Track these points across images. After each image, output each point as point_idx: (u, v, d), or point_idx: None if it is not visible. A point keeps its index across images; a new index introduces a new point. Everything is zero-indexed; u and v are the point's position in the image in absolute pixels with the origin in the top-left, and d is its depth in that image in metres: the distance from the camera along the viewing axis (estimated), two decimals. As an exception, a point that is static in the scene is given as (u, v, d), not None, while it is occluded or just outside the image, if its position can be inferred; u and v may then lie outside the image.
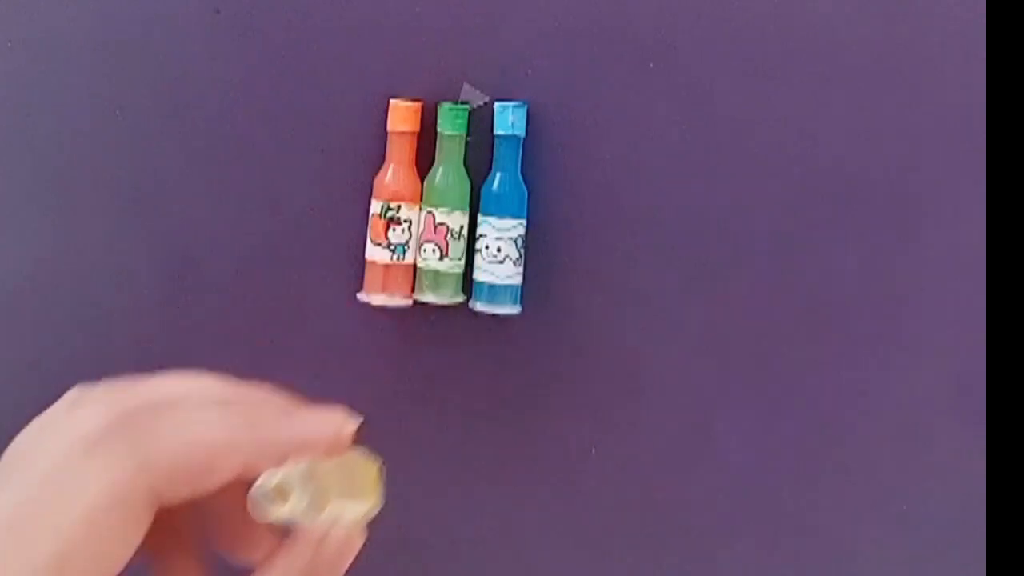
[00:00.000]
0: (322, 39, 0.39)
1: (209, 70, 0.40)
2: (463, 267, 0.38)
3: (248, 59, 0.39)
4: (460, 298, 0.38)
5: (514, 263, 0.37)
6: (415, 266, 0.38)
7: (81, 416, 0.24)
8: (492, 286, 0.38)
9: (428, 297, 0.38)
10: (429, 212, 0.38)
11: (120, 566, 0.23)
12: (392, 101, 0.38)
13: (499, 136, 0.38)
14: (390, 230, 0.38)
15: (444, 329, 0.39)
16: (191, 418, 0.23)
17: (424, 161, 0.39)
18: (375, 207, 0.38)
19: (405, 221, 0.38)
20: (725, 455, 0.39)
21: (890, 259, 0.38)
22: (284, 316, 0.40)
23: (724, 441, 0.39)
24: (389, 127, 0.38)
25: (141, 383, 0.25)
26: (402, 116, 0.38)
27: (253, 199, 0.40)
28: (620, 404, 0.39)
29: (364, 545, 0.25)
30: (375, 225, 0.38)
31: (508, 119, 0.37)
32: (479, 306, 0.38)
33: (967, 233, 0.37)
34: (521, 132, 0.38)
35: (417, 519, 0.40)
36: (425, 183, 0.38)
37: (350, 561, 0.25)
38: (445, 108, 0.38)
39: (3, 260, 0.42)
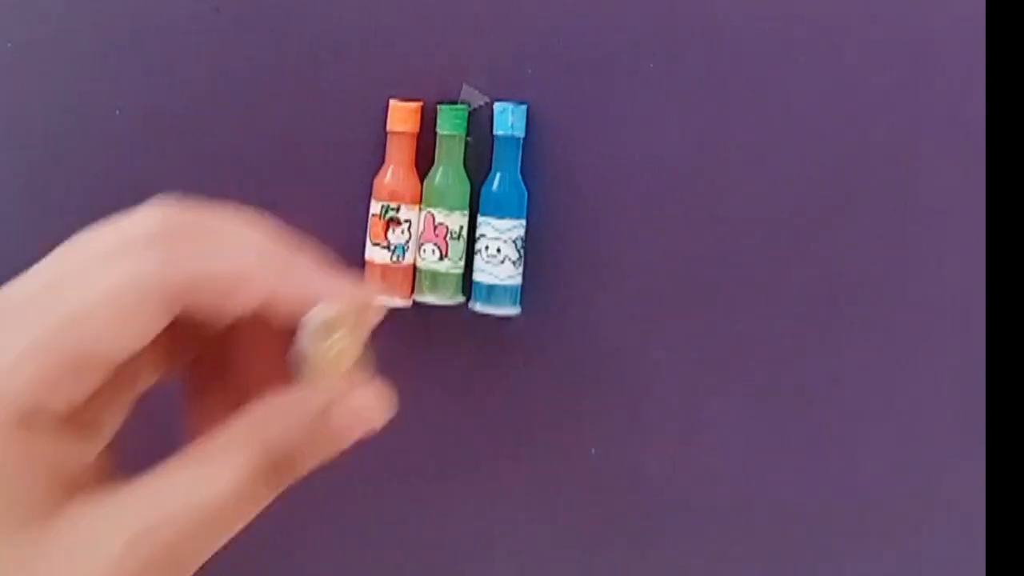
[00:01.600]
0: (322, 39, 0.39)
1: (209, 70, 0.40)
2: (463, 268, 0.38)
3: (248, 59, 0.39)
4: (460, 299, 0.38)
5: (514, 264, 0.37)
6: (415, 267, 0.38)
7: (134, 215, 0.26)
8: (492, 287, 0.38)
9: (428, 298, 0.38)
10: (429, 213, 0.38)
11: (127, 353, 0.24)
12: (392, 101, 0.38)
13: (499, 136, 0.38)
14: (390, 231, 0.38)
15: (444, 330, 0.39)
16: (230, 242, 0.25)
17: (424, 161, 0.39)
18: (375, 207, 0.38)
19: (405, 221, 0.38)
20: (725, 455, 0.39)
21: (891, 259, 0.37)
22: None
23: (724, 441, 0.39)
24: (389, 127, 0.38)
25: (202, 207, 0.26)
26: (402, 116, 0.38)
27: (253, 199, 0.40)
28: (620, 404, 0.39)
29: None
30: (375, 225, 0.38)
31: (508, 119, 0.37)
32: (479, 307, 0.38)
33: (967, 233, 0.37)
34: (521, 132, 0.38)
35: (416, 518, 0.40)
36: (425, 183, 0.38)
37: (355, 438, 0.25)
38: (445, 108, 0.38)
39: (2, 260, 0.42)
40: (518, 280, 0.38)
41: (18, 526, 0.24)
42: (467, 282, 0.39)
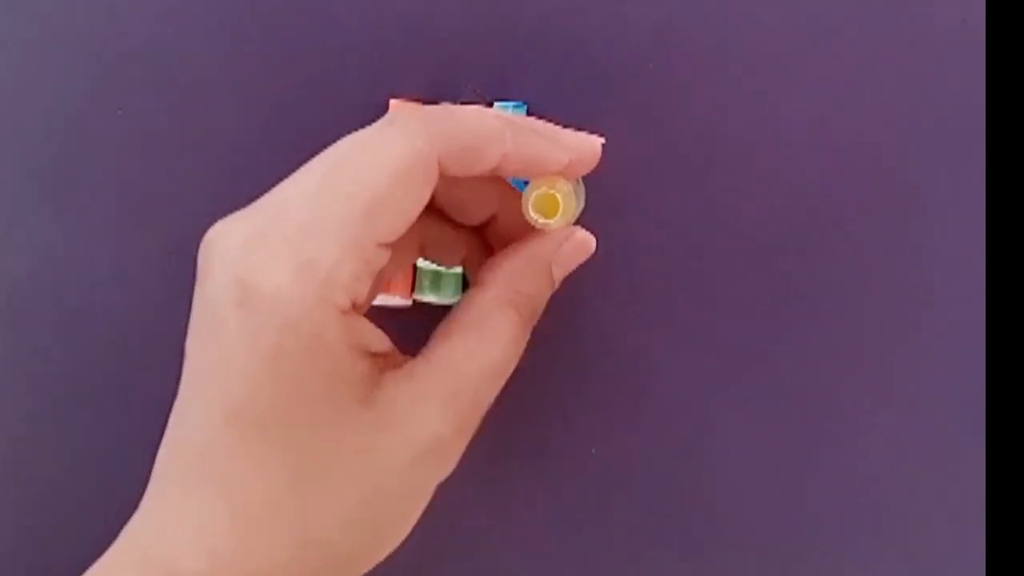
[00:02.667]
0: (322, 39, 0.39)
1: (209, 70, 0.40)
2: (463, 267, 0.38)
3: (248, 59, 0.39)
4: (460, 298, 0.38)
5: (514, 263, 0.38)
6: (415, 266, 0.38)
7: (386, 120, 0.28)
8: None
9: (428, 297, 0.38)
10: (429, 212, 0.38)
11: (408, 222, 0.26)
12: (392, 101, 0.38)
13: (499, 136, 0.38)
14: (390, 230, 0.38)
15: (444, 329, 0.39)
16: (470, 112, 0.28)
17: (424, 161, 0.39)
18: (375, 207, 0.38)
19: (405, 221, 0.38)
20: (726, 455, 0.39)
21: (891, 259, 0.38)
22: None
23: (724, 441, 0.39)
24: (389, 127, 0.38)
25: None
26: (402, 116, 0.38)
27: (253, 199, 0.40)
28: (620, 404, 0.39)
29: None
30: (375, 225, 0.38)
31: (508, 119, 0.37)
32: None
33: (967, 233, 0.37)
34: (521, 132, 0.38)
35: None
36: (425, 183, 0.38)
37: (579, 262, 0.31)
38: (445, 108, 0.38)
39: (2, 260, 0.42)
40: (518, 280, 0.38)
41: (356, 407, 0.25)
42: (467, 282, 0.39)
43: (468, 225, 0.33)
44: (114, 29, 0.40)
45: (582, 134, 0.31)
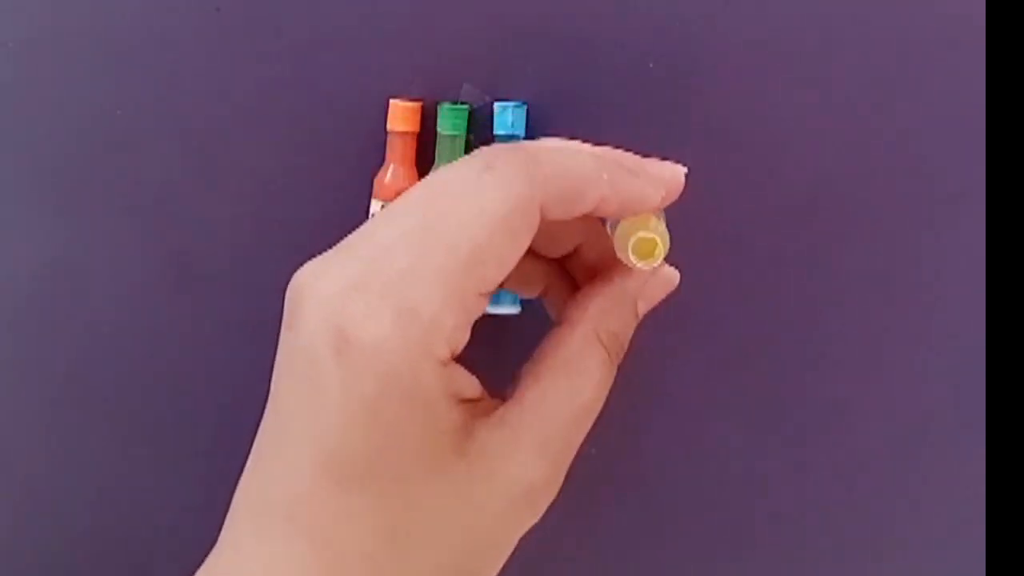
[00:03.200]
0: (322, 39, 0.39)
1: (209, 70, 0.40)
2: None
3: (248, 59, 0.39)
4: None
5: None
6: None
7: (467, 159, 0.27)
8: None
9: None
10: (429, 212, 0.38)
11: (508, 270, 0.26)
12: (392, 101, 0.38)
13: (499, 136, 0.38)
14: (390, 230, 0.38)
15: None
16: (567, 155, 0.27)
17: (424, 161, 0.39)
18: (375, 207, 0.38)
19: (405, 221, 0.38)
20: (725, 455, 0.39)
21: (891, 260, 0.38)
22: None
23: (724, 441, 0.39)
24: (389, 127, 0.38)
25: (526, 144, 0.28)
26: (402, 116, 0.38)
27: (253, 199, 0.40)
28: (620, 404, 0.39)
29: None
30: (375, 225, 0.38)
31: (508, 119, 0.37)
32: (488, 308, 0.38)
33: (967, 233, 0.37)
34: (521, 132, 0.38)
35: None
36: (425, 183, 0.38)
37: (662, 298, 0.31)
38: (445, 108, 0.38)
39: (2, 260, 0.42)
40: (519, 280, 0.38)
41: (451, 456, 0.25)
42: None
43: (550, 256, 0.32)
44: (114, 29, 0.40)
45: (667, 164, 0.30)
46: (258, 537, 0.25)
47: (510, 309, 0.38)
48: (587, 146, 0.29)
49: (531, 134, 0.38)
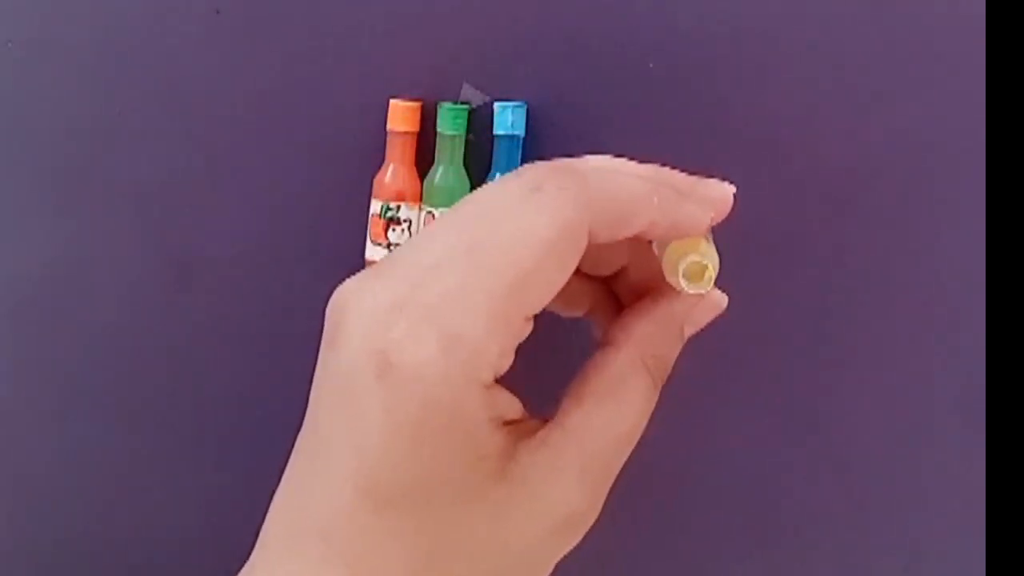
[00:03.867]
0: (322, 39, 0.39)
1: (209, 70, 0.40)
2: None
3: (248, 59, 0.39)
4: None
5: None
6: None
7: (518, 173, 0.26)
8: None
9: None
10: (429, 212, 0.38)
11: (554, 294, 0.25)
12: (392, 101, 0.38)
13: (499, 136, 0.38)
14: (390, 230, 0.38)
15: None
16: (617, 177, 0.26)
17: (424, 161, 0.39)
18: (375, 207, 0.38)
19: (405, 221, 0.38)
20: (725, 454, 0.39)
21: (891, 259, 0.37)
22: (284, 316, 0.40)
23: (724, 440, 0.39)
24: (389, 127, 0.38)
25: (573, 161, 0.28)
26: (402, 116, 0.38)
27: (252, 199, 0.40)
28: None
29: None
30: (375, 225, 0.38)
31: (508, 119, 0.37)
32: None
33: (967, 233, 0.37)
34: (521, 132, 0.38)
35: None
36: (425, 183, 0.38)
37: (709, 321, 0.30)
38: (445, 108, 0.38)
39: (2, 260, 0.42)
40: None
41: (492, 481, 0.25)
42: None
43: (596, 276, 0.32)
44: (114, 29, 0.40)
45: (715, 183, 0.29)
46: (292, 558, 0.25)
47: None
48: (636, 165, 0.29)
49: (531, 134, 0.38)
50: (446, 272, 0.24)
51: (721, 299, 0.30)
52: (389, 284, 0.25)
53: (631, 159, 0.39)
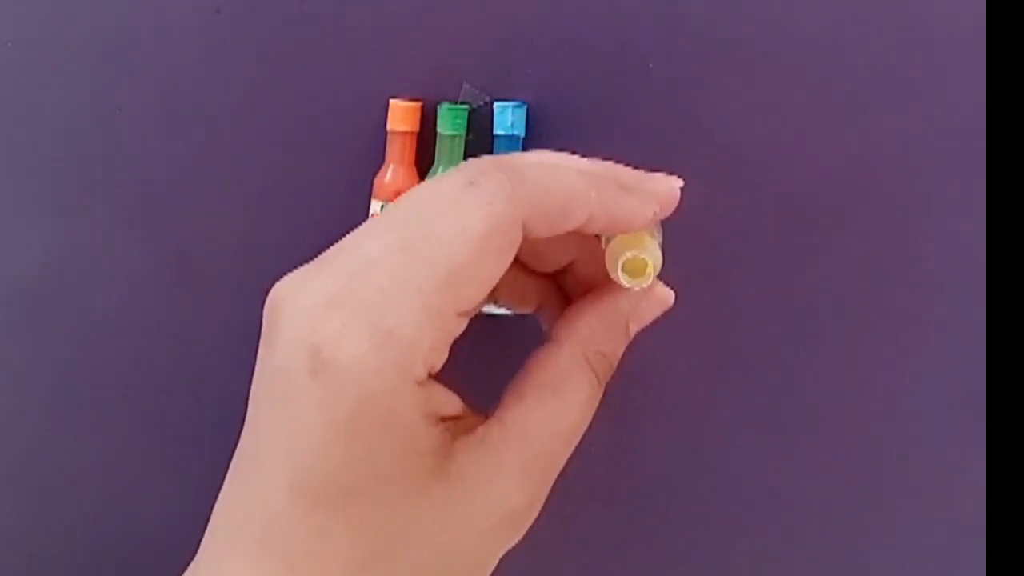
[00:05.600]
0: (322, 39, 0.39)
1: (209, 70, 0.40)
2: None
3: (248, 59, 0.39)
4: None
5: (514, 263, 0.38)
6: None
7: (452, 172, 0.26)
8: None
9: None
10: (429, 212, 0.38)
11: (489, 289, 0.25)
12: (392, 101, 0.38)
13: (499, 136, 0.38)
14: (390, 230, 0.38)
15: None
16: (555, 171, 0.26)
17: (424, 161, 0.39)
18: (375, 207, 0.38)
19: (405, 221, 0.38)
20: (725, 454, 0.39)
21: (891, 260, 0.37)
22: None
23: (724, 440, 0.39)
24: (389, 127, 0.38)
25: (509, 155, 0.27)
26: (402, 116, 0.38)
27: (253, 199, 0.40)
28: (619, 403, 0.39)
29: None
30: (375, 225, 0.38)
31: (508, 119, 0.37)
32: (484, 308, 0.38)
33: (967, 233, 0.37)
34: (521, 132, 0.38)
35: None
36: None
37: (656, 316, 0.30)
38: (445, 108, 0.38)
39: (2, 260, 0.42)
40: (518, 280, 0.38)
41: (429, 479, 0.24)
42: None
43: (543, 271, 0.32)
44: (114, 29, 0.40)
45: (662, 177, 0.29)
46: (233, 559, 0.25)
47: (501, 310, 0.38)
48: (579, 160, 0.28)
49: (531, 134, 0.38)
50: (381, 268, 0.24)
51: (666, 295, 0.30)
52: (324, 281, 0.25)
53: (630, 159, 0.39)
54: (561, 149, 0.38)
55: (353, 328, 0.23)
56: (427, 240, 0.24)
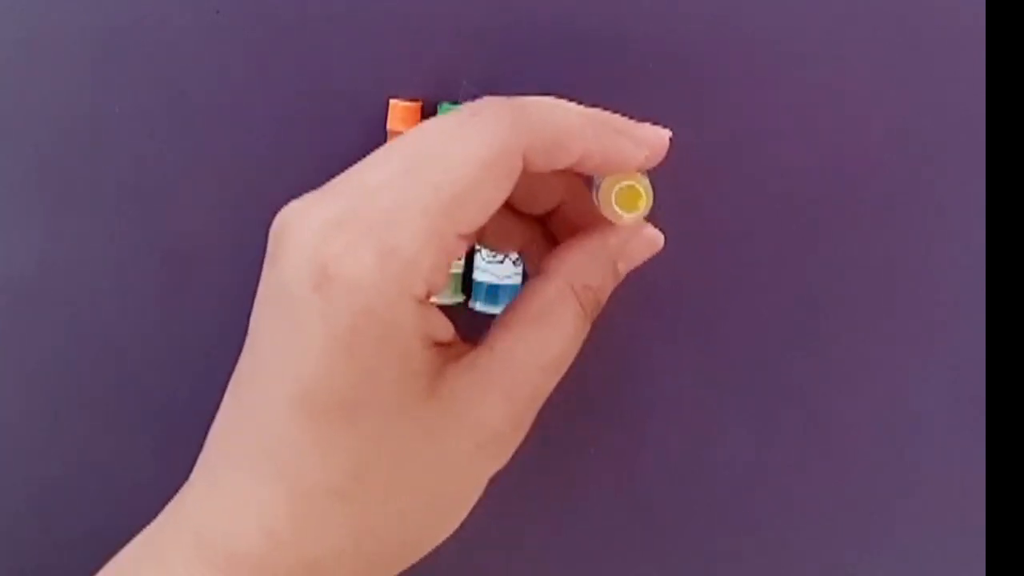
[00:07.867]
0: (322, 39, 0.39)
1: (208, 70, 0.40)
2: (462, 267, 0.38)
3: (248, 59, 0.39)
4: (460, 298, 0.38)
5: (514, 263, 0.37)
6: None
7: (462, 105, 0.27)
8: (492, 286, 0.38)
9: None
10: (429, 212, 0.38)
11: (489, 214, 0.26)
12: (392, 101, 0.38)
13: (499, 136, 0.38)
14: (390, 230, 0.38)
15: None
16: (555, 108, 0.27)
17: (424, 161, 0.39)
18: (375, 207, 0.38)
19: (405, 221, 0.38)
20: (725, 455, 0.39)
21: (891, 260, 0.38)
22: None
23: (724, 440, 0.39)
24: (389, 127, 0.38)
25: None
26: (402, 116, 0.38)
27: (253, 199, 0.40)
28: (619, 404, 0.39)
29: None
30: (375, 225, 0.38)
31: (508, 119, 0.37)
32: (479, 306, 0.38)
33: (967, 233, 0.37)
34: (521, 132, 0.38)
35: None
36: (425, 183, 0.38)
37: (646, 258, 0.30)
38: (445, 108, 0.38)
39: (2, 260, 0.42)
40: (518, 280, 0.38)
41: (422, 396, 0.25)
42: (467, 281, 0.38)
43: (531, 214, 0.33)
44: (113, 29, 0.40)
45: (651, 127, 0.30)
46: (230, 470, 0.26)
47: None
48: (576, 105, 0.30)
49: (531, 134, 0.38)
50: (386, 191, 0.25)
51: (655, 236, 0.31)
52: (331, 203, 0.26)
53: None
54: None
55: (358, 246, 0.24)
56: (431, 164, 0.25)
